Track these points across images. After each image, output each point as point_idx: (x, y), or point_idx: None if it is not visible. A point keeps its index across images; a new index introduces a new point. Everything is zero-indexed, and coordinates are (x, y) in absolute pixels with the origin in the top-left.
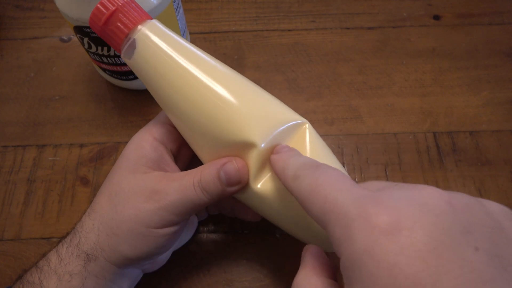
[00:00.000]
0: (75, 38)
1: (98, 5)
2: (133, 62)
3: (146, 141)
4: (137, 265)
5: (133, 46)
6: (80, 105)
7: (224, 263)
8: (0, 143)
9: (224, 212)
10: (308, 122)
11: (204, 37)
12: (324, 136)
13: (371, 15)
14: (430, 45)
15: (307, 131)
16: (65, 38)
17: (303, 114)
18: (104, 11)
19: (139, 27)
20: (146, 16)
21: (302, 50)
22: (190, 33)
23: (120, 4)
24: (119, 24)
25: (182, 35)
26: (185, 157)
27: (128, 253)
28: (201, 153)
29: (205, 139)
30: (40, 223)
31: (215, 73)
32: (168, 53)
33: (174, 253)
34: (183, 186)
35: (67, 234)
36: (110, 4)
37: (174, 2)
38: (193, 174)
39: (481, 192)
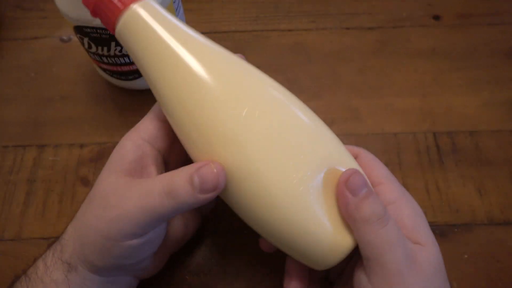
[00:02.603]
0: (75, 38)
1: None
2: (125, 42)
3: (129, 140)
4: (116, 273)
5: (125, 27)
6: (80, 105)
7: (224, 263)
8: (0, 143)
9: None
10: None
11: None
12: None
13: (371, 15)
14: (430, 45)
15: None
16: (65, 38)
17: None
18: None
19: (132, 6)
20: None
21: (302, 50)
22: None
23: None
24: (113, 1)
25: None
26: (178, 155)
27: (97, 263)
28: (192, 152)
29: (193, 136)
30: (40, 223)
31: (208, 59)
32: (159, 35)
33: (173, 253)
34: (144, 192)
35: (55, 239)
36: None
37: (174, 2)
38: (161, 180)
39: (481, 192)
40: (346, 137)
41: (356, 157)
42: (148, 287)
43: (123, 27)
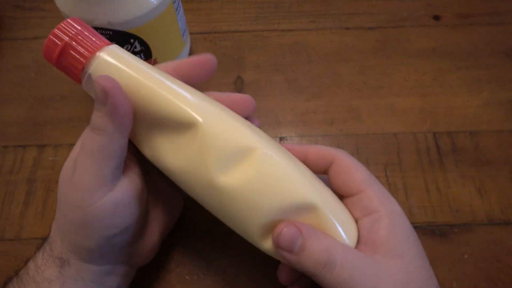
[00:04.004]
0: None
1: (51, 36)
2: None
3: (87, 131)
4: (109, 258)
5: (91, 79)
6: (80, 105)
7: (224, 263)
8: (0, 143)
9: None
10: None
11: (204, 37)
12: (324, 136)
13: (371, 15)
14: (430, 45)
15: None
16: None
17: (303, 114)
18: (58, 42)
19: (97, 54)
20: (104, 42)
21: (302, 50)
22: (190, 33)
23: (72, 33)
24: (74, 55)
25: (182, 35)
26: None
27: (86, 245)
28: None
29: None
30: (40, 223)
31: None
32: (129, 80)
33: (173, 253)
34: (82, 143)
35: (43, 241)
36: (63, 34)
37: (174, 2)
38: None
39: (481, 192)
40: (346, 137)
41: (330, 163)
42: (148, 287)
43: (93, 74)
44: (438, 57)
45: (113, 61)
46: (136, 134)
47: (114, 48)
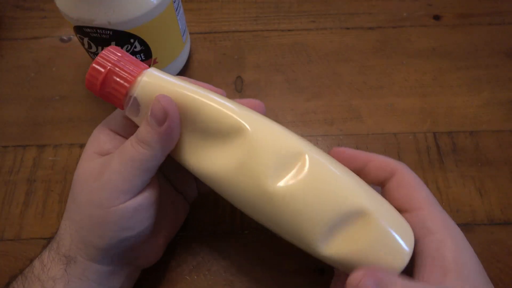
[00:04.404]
0: (75, 38)
1: (93, 64)
2: (141, 119)
3: (101, 133)
4: (117, 258)
5: (136, 103)
6: (80, 105)
7: (224, 263)
8: (0, 143)
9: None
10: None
11: (204, 37)
12: (324, 136)
13: (371, 15)
14: (430, 45)
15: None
16: (65, 38)
17: (303, 114)
18: (101, 69)
19: (139, 79)
20: (142, 66)
21: (302, 50)
22: (190, 33)
23: (114, 60)
24: (118, 81)
25: (182, 35)
26: None
27: (98, 243)
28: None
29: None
30: (40, 223)
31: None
32: (173, 95)
33: (174, 253)
34: (122, 149)
35: (49, 239)
36: (106, 62)
37: (174, 2)
38: (130, 137)
39: (481, 192)
40: (346, 137)
41: (392, 176)
42: (149, 282)
43: (138, 96)
44: (438, 57)
45: (156, 81)
46: (177, 145)
47: (153, 70)
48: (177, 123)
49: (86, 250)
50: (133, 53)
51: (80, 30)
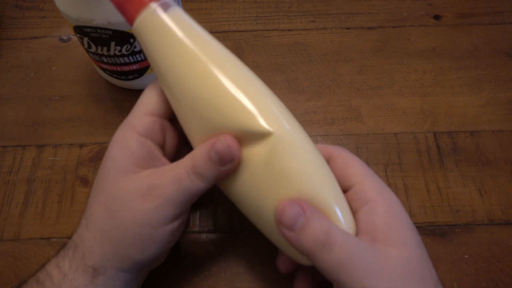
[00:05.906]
0: (75, 38)
1: None
2: (146, 32)
3: (130, 139)
4: (148, 266)
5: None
6: (80, 105)
7: (224, 263)
8: (0, 143)
9: None
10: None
11: None
12: (324, 136)
13: (371, 15)
14: (430, 45)
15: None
16: (65, 38)
17: (303, 114)
18: None
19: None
20: None
21: (302, 50)
22: None
23: None
24: None
25: None
26: (170, 146)
27: (137, 257)
28: (193, 135)
29: (202, 122)
30: (39, 223)
31: (223, 61)
32: (179, 30)
33: (173, 253)
34: (178, 176)
35: (65, 246)
36: None
37: (174, 1)
38: (185, 162)
39: (481, 192)
40: (346, 137)
41: (329, 160)
42: (149, 282)
43: (145, 19)
44: (438, 57)
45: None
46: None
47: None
48: (236, 167)
49: (120, 262)
50: (133, 53)
51: (80, 30)
